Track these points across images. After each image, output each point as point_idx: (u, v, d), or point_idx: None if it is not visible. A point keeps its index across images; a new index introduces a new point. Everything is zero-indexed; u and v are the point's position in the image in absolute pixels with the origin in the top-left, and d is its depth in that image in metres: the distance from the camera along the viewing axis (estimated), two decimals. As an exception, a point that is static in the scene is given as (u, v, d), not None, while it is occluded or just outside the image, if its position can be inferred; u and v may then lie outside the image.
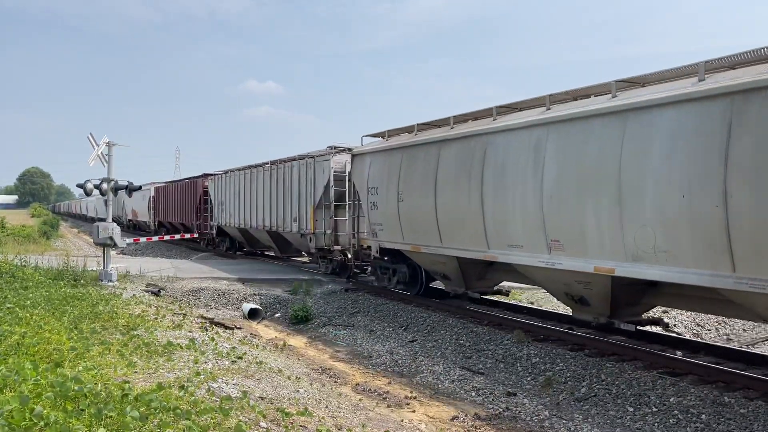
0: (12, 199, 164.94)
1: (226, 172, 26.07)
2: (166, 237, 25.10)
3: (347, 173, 16.55)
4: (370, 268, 16.12)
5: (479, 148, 10.75)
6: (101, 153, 15.57)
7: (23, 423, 3.71)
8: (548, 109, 9.67)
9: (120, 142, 16.02)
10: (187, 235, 27.45)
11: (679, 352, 9.22)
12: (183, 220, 31.49)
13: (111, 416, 4.14)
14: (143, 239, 24.83)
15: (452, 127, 11.88)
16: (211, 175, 28.40)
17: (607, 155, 8.25)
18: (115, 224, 15.73)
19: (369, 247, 14.94)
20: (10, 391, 4.42)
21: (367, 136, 15.19)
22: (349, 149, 16.38)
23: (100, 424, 4.01)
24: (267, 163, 21.82)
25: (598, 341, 9.90)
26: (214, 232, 27.57)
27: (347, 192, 16.61)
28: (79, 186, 16.10)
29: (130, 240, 19.23)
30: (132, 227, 44.74)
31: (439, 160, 11.81)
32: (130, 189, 16.56)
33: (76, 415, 4.10)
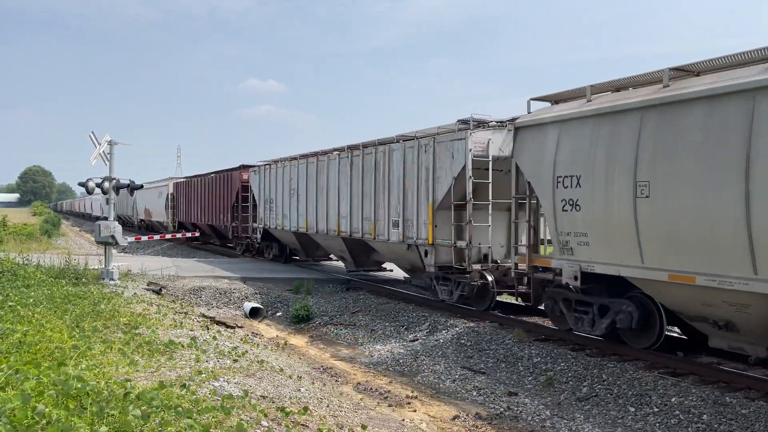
0: (13, 197, 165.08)
1: (276, 162, 21.19)
2: (156, 236, 24.87)
3: (496, 156, 12.03)
4: (545, 303, 10.68)
5: None
6: (103, 152, 15.58)
7: (25, 421, 3.71)
8: None
9: (121, 140, 16.04)
10: (188, 234, 27.34)
11: (680, 353, 9.22)
12: (212, 220, 27.09)
13: (113, 415, 4.15)
14: (144, 238, 24.80)
15: None
16: (253, 166, 23.53)
17: None
18: (116, 223, 15.74)
19: (544, 269, 10.40)
20: (12, 389, 4.42)
21: (535, 99, 10.71)
22: (502, 122, 12.33)
23: (102, 423, 4.01)
24: (343, 149, 16.98)
25: (599, 342, 9.89)
26: (259, 236, 22.58)
27: (490, 184, 12.04)
28: (81, 184, 16.11)
29: (131, 239, 19.24)
30: (145, 228, 40.16)
31: (755, 125, 7.01)
32: (132, 188, 16.57)
33: (78, 414, 4.11)
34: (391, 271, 18.14)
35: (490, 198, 12.11)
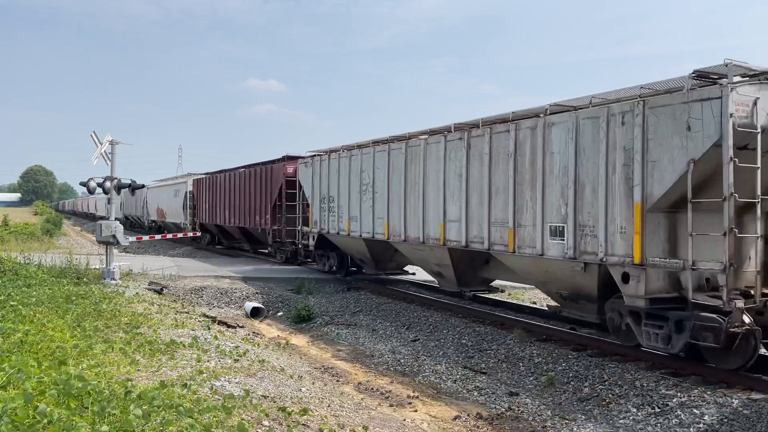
0: (15, 197, 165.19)
1: (338, 150, 16.65)
2: (157, 236, 24.41)
3: (766, 126, 7.60)
4: None
5: None
6: (104, 151, 15.60)
7: (27, 420, 3.72)
8: None
9: (122, 139, 16.08)
10: (190, 234, 27.30)
11: (681, 353, 9.19)
12: (245, 222, 23.32)
13: (114, 414, 4.15)
14: (146, 237, 24.80)
15: None
16: (302, 157, 19.15)
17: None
18: (117, 222, 15.76)
19: None
20: (14, 388, 4.43)
21: None
22: None
23: (104, 422, 4.02)
24: (450, 128, 12.35)
25: (601, 341, 9.88)
26: (311, 242, 18.25)
27: (759, 171, 7.59)
28: (83, 184, 16.15)
29: (132, 238, 19.25)
30: (157, 230, 34.92)
31: None
32: (133, 188, 16.60)
33: (80, 413, 4.12)
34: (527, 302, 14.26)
35: (759, 194, 7.66)
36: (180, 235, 26.11)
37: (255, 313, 14.28)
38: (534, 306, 13.52)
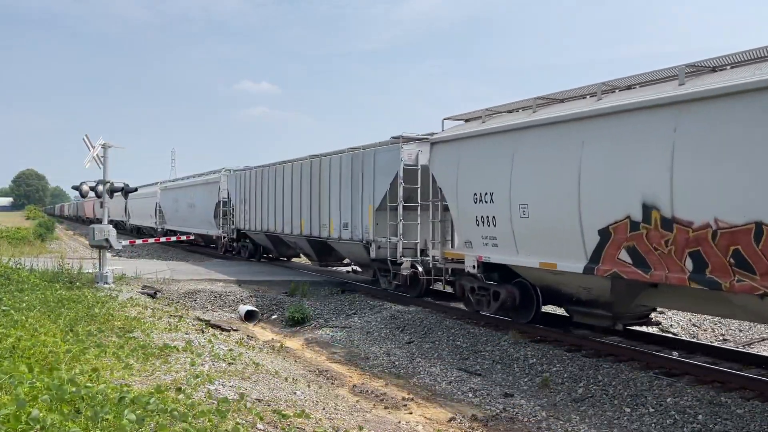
0: (7, 201, 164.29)
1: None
2: (151, 240, 25.06)
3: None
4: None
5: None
6: (97, 155, 15.53)
7: (20, 426, 3.69)
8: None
9: (115, 143, 15.99)
10: (183, 237, 27.25)
11: (675, 353, 9.25)
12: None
13: (108, 419, 4.13)
14: (139, 241, 24.74)
15: None
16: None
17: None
18: (110, 226, 15.69)
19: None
20: (6, 394, 4.40)
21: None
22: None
23: (97, 427, 3.99)
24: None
25: (595, 342, 9.91)
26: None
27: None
28: (75, 188, 16.06)
29: (125, 242, 19.17)
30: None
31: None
32: (126, 191, 16.51)
33: (73, 418, 4.09)
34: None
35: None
36: (173, 238, 26.04)
37: (249, 316, 14.24)
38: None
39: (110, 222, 15.82)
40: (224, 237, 25.53)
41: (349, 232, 15.94)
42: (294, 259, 24.20)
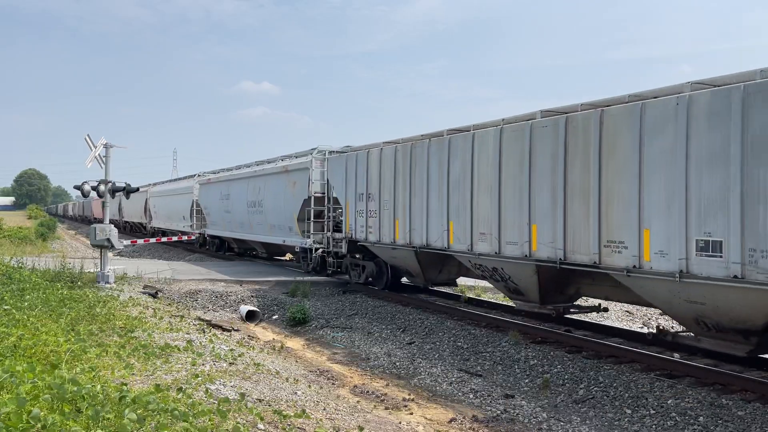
0: (9, 200, 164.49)
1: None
2: (152, 240, 24.99)
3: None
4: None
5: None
6: (99, 154, 15.55)
7: (20, 425, 3.69)
8: None
9: (117, 143, 16.00)
10: (184, 238, 27.23)
11: (676, 354, 9.23)
12: None
13: (108, 418, 4.13)
14: (141, 241, 24.76)
15: None
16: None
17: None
18: (112, 226, 15.71)
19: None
20: (7, 393, 4.40)
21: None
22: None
23: (98, 426, 4.00)
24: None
25: (596, 343, 9.90)
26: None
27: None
28: (77, 188, 16.08)
29: (127, 242, 19.19)
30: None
31: None
32: (128, 191, 16.53)
33: (74, 417, 4.09)
34: None
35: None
36: (175, 238, 26.05)
37: (250, 316, 14.24)
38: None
39: (126, 224, 15.76)
40: (319, 249, 17.85)
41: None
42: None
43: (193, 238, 28.08)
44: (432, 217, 12.71)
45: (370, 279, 16.12)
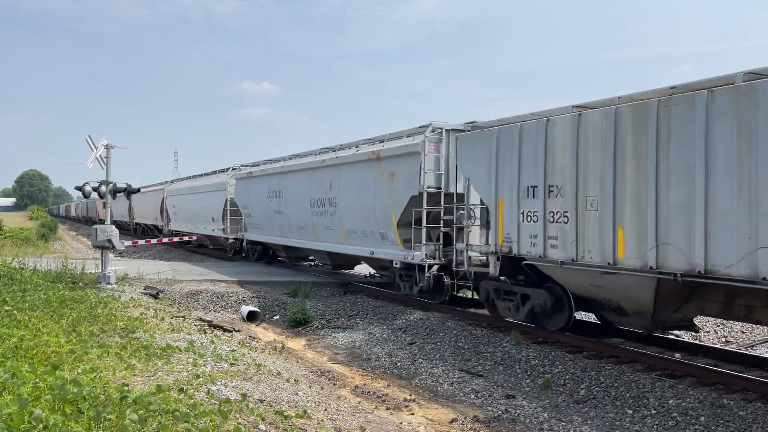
0: (10, 201, 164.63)
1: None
2: (153, 240, 24.92)
3: None
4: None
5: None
6: (100, 155, 15.56)
7: (22, 426, 3.70)
8: None
9: (117, 143, 16.01)
10: (185, 238, 27.21)
11: (677, 355, 9.23)
12: None
13: (110, 419, 4.14)
14: (141, 241, 24.76)
15: None
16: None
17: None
18: (113, 227, 15.72)
19: None
20: (9, 394, 4.41)
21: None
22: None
23: (99, 427, 4.00)
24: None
25: (597, 343, 9.90)
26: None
27: None
28: (78, 188, 16.09)
29: (128, 242, 19.20)
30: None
31: None
32: (129, 192, 16.54)
33: (75, 418, 4.09)
34: None
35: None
36: (176, 239, 26.04)
37: (251, 316, 14.25)
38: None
39: (137, 226, 15.62)
40: (434, 266, 13.02)
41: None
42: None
43: (194, 239, 27.86)
44: (715, 220, 7.49)
45: (535, 313, 10.73)
